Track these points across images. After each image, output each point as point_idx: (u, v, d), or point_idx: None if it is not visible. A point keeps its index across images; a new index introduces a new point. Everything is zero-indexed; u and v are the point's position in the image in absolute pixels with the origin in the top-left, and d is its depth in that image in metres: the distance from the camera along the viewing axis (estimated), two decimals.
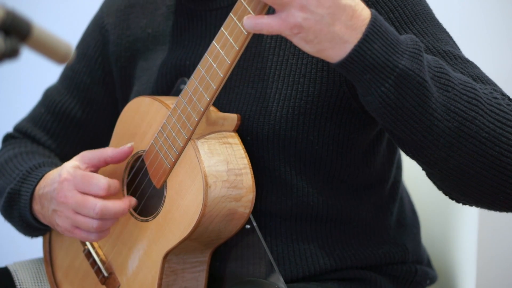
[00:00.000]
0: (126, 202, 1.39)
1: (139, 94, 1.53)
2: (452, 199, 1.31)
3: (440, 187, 1.31)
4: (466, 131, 1.22)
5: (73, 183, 1.38)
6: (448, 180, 1.26)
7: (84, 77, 1.63)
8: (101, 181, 1.37)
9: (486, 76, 1.31)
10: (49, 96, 1.66)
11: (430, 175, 1.30)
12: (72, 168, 1.40)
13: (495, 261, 2.23)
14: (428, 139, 1.22)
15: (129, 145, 1.41)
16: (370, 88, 1.19)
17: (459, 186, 1.26)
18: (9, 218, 1.55)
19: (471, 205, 1.31)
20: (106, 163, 1.41)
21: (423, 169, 1.31)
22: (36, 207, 1.48)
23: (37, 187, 1.48)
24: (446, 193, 1.31)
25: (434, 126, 1.21)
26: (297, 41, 1.18)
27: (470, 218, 1.67)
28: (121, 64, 1.59)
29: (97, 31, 1.62)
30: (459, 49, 1.34)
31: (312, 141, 1.39)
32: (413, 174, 1.74)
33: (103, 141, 1.60)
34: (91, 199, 1.36)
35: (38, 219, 1.50)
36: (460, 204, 1.33)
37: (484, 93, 1.25)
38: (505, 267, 2.25)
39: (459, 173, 1.24)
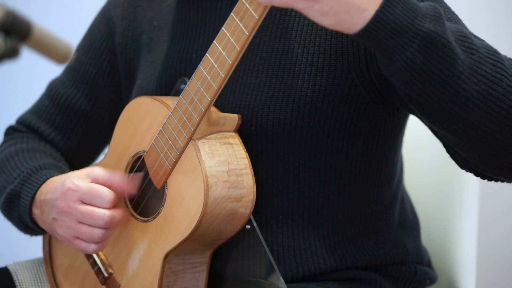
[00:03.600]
0: (125, 209, 1.40)
1: (143, 87, 1.53)
2: (477, 174, 1.29)
3: (465, 161, 1.28)
4: (494, 94, 1.20)
5: (78, 194, 1.38)
6: (477, 149, 1.23)
7: (90, 69, 1.62)
8: (107, 194, 1.37)
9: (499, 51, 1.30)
10: (54, 88, 1.65)
11: (457, 147, 1.27)
12: (77, 179, 1.39)
13: (495, 262, 2.23)
14: (457, 104, 1.19)
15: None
16: (395, 55, 1.17)
17: (487, 156, 1.23)
18: (8, 217, 1.55)
19: (497, 179, 1.28)
20: (110, 186, 1.40)
21: (447, 143, 1.28)
22: (36, 211, 1.47)
23: (39, 192, 1.47)
24: (471, 167, 1.28)
25: (462, 90, 1.19)
26: (313, 15, 1.16)
27: (470, 219, 1.67)
28: (126, 56, 1.58)
29: (103, 23, 1.62)
30: (468, 29, 1.33)
31: (318, 130, 1.38)
32: (413, 176, 1.74)
33: (107, 135, 1.59)
34: (98, 209, 1.36)
35: (37, 223, 1.49)
36: (485, 180, 1.30)
37: (506, 58, 1.24)
38: (505, 268, 2.25)
39: (487, 139, 1.21)
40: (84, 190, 1.38)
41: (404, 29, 1.16)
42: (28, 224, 1.50)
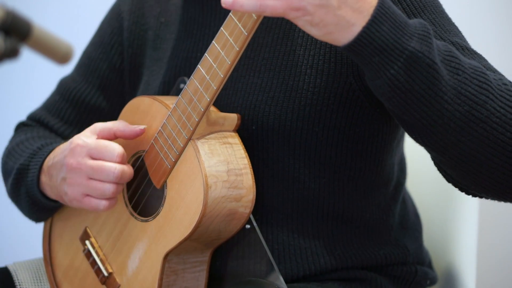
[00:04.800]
0: (131, 168, 1.39)
1: (149, 84, 1.53)
2: (462, 190, 1.30)
3: (450, 177, 1.29)
4: (477, 115, 1.20)
5: (86, 149, 1.38)
6: (459, 168, 1.24)
7: (101, 64, 1.62)
8: (116, 148, 1.36)
9: (494, 68, 1.30)
10: (64, 84, 1.66)
11: (440, 163, 1.28)
12: (83, 136, 1.39)
13: (495, 263, 2.23)
14: (438, 123, 1.20)
15: (142, 126, 1.40)
16: (379, 71, 1.18)
17: (470, 174, 1.24)
18: (16, 197, 1.55)
19: (481, 196, 1.29)
20: (115, 136, 1.40)
21: (433, 158, 1.29)
22: (44, 179, 1.47)
23: (46, 160, 1.48)
24: (455, 183, 1.29)
25: (444, 110, 1.20)
26: (302, 24, 1.17)
27: (470, 220, 1.67)
28: (132, 51, 1.59)
29: (114, 19, 1.63)
30: (467, 42, 1.34)
31: (317, 132, 1.39)
32: (415, 178, 1.74)
33: None
34: (109, 163, 1.36)
35: (44, 192, 1.49)
36: (470, 196, 1.31)
37: (494, 79, 1.24)
38: (505, 270, 2.25)
39: (469, 159, 1.22)
40: (92, 145, 1.37)
41: (390, 46, 1.17)
42: (35, 196, 1.50)
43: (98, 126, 1.41)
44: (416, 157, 1.74)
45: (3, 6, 0.95)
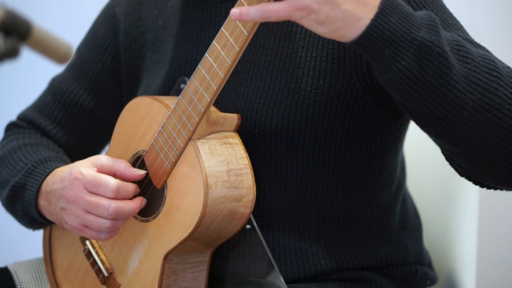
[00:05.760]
0: (137, 202, 1.38)
1: (149, 86, 1.53)
2: (476, 183, 1.29)
3: (464, 170, 1.28)
4: (489, 102, 1.20)
5: (83, 182, 1.37)
6: (474, 158, 1.23)
7: (93, 66, 1.62)
8: (110, 183, 1.36)
9: (499, 59, 1.30)
10: (56, 85, 1.65)
11: (454, 156, 1.27)
12: (83, 167, 1.39)
13: (495, 263, 2.23)
14: (451, 113, 1.20)
15: (142, 172, 1.40)
16: (390, 63, 1.17)
17: (485, 164, 1.23)
18: (11, 211, 1.55)
19: (496, 187, 1.28)
20: (114, 175, 1.40)
21: (445, 152, 1.29)
22: (42, 202, 1.47)
23: (45, 183, 1.47)
24: (469, 176, 1.29)
25: (456, 99, 1.19)
26: (309, 24, 1.17)
27: (470, 220, 1.67)
28: (130, 54, 1.58)
29: (107, 20, 1.62)
30: (470, 36, 1.33)
31: (321, 134, 1.38)
32: (415, 178, 1.74)
33: (109, 132, 1.59)
34: (104, 201, 1.36)
35: (43, 214, 1.49)
36: (484, 188, 1.30)
37: (503, 67, 1.24)
38: (505, 270, 2.25)
39: (484, 148, 1.22)
40: (88, 178, 1.37)
41: (399, 37, 1.16)
42: (33, 216, 1.50)
43: (101, 160, 1.40)
44: (416, 157, 1.74)
45: (3, 6, 0.95)
